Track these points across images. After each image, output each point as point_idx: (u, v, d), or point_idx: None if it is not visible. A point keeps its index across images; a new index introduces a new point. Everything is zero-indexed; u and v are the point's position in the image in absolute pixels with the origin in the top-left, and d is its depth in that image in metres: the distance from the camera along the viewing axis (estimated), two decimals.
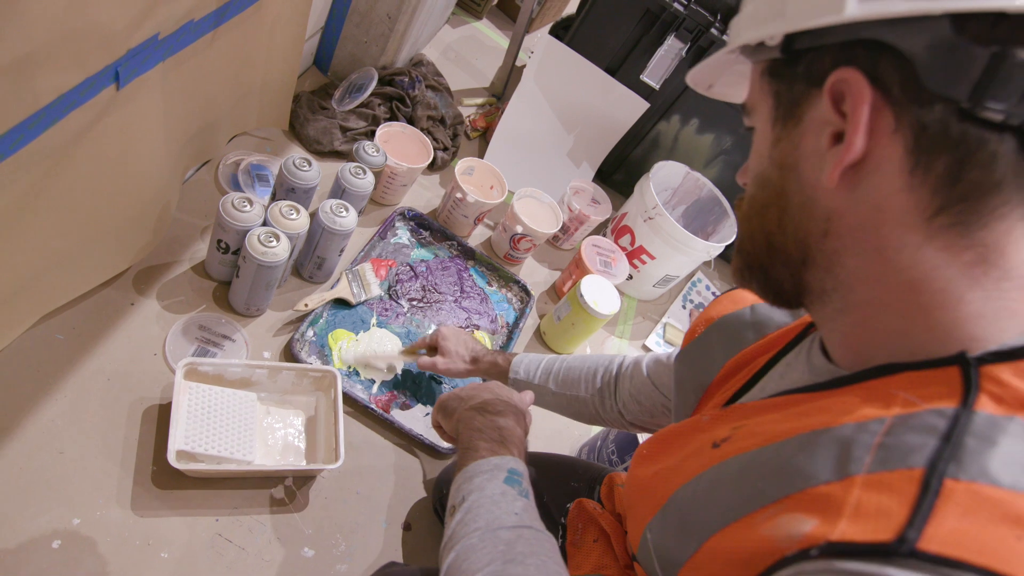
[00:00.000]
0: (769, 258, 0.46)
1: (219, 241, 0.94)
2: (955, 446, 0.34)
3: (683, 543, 0.45)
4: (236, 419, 0.86)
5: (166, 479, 0.82)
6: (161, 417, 0.86)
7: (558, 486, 0.85)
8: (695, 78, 0.54)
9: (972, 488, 0.33)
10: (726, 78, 0.53)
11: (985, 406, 0.35)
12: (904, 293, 0.39)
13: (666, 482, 0.50)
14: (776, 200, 0.44)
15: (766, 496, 0.39)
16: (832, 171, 0.39)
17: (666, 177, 1.50)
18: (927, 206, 0.37)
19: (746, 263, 0.48)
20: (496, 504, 0.57)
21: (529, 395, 0.78)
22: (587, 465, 0.90)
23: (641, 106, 1.47)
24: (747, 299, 0.64)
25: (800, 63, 0.40)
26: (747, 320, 0.62)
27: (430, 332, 1.05)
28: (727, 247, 1.41)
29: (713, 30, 1.34)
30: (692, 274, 1.66)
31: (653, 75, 1.41)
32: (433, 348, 1.02)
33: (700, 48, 1.38)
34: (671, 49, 1.37)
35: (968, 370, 0.37)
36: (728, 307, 0.65)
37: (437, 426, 0.78)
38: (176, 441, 0.80)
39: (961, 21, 0.34)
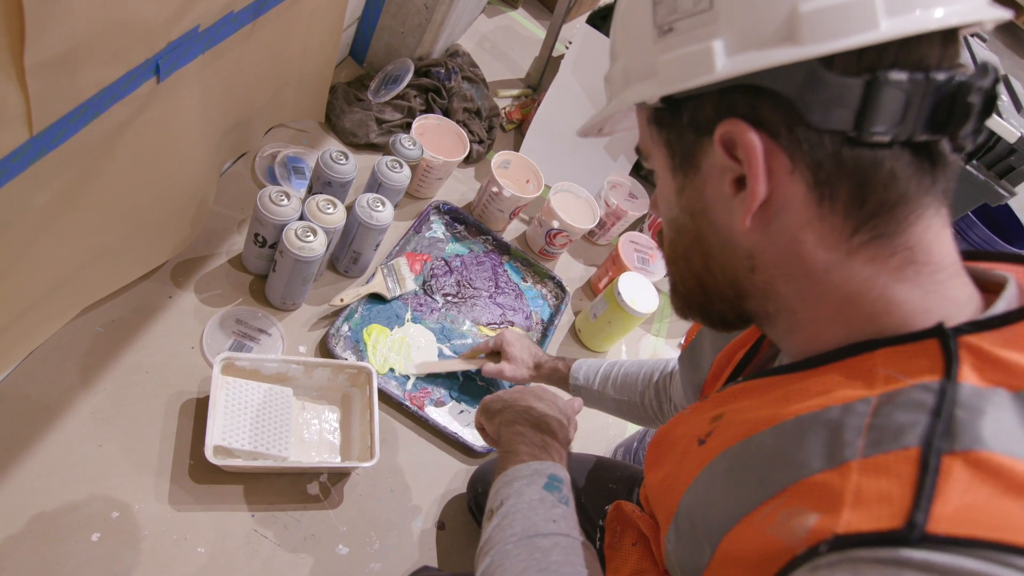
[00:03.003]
0: (705, 297, 0.46)
1: (256, 235, 0.94)
2: (946, 421, 0.33)
3: (697, 552, 0.43)
4: (272, 415, 0.86)
5: (203, 473, 0.82)
6: (198, 411, 0.86)
7: (596, 488, 0.84)
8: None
9: (970, 461, 0.32)
10: (614, 119, 0.52)
11: (968, 377, 0.35)
12: (846, 306, 0.40)
13: (671, 489, 0.49)
14: (696, 244, 0.44)
15: (761, 492, 0.38)
16: (743, 217, 0.39)
17: None
18: (842, 229, 0.38)
19: (685, 303, 0.49)
20: (534, 510, 0.56)
21: (578, 401, 0.76)
22: (625, 466, 0.88)
23: None
24: None
25: (683, 113, 0.41)
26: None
27: (492, 338, 1.03)
28: None
29: None
30: None
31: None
32: (496, 353, 1.01)
33: None
34: None
35: (947, 341, 0.36)
36: None
37: (480, 428, 0.77)
38: (213, 436, 0.80)
39: (828, 58, 0.35)
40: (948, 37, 0.36)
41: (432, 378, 1.05)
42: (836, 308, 0.40)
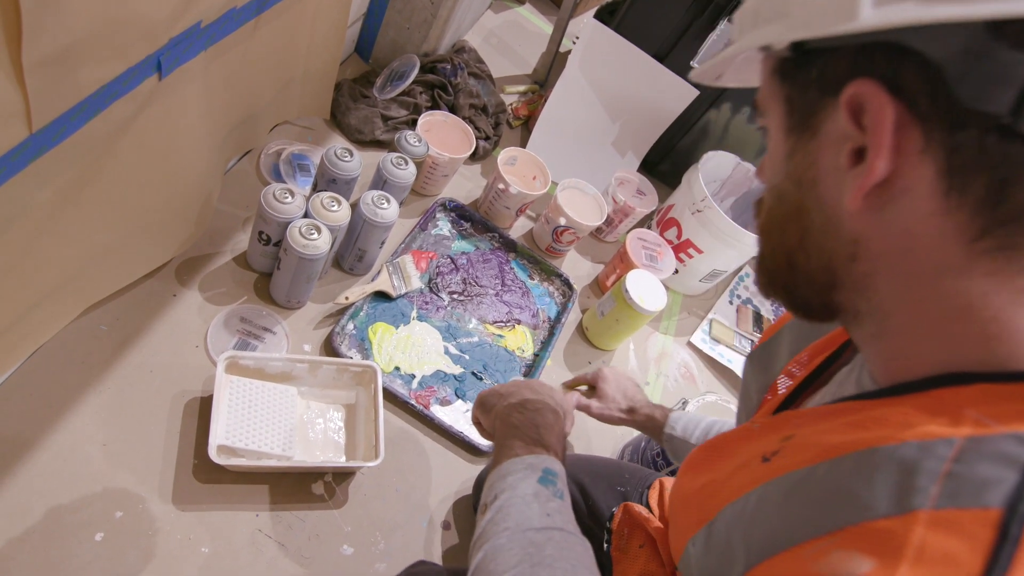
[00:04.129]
0: (792, 278, 0.42)
1: (260, 233, 0.93)
2: None
3: (727, 565, 0.41)
4: (276, 414, 0.86)
5: (207, 473, 0.82)
6: (202, 410, 0.86)
7: (605, 490, 0.83)
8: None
9: None
10: (736, 65, 0.47)
11: None
12: (949, 322, 0.34)
13: (713, 496, 0.46)
14: (795, 218, 0.40)
15: (818, 526, 0.35)
16: (855, 195, 0.34)
17: (715, 168, 1.44)
18: (966, 229, 0.32)
19: (769, 280, 0.44)
20: (528, 504, 0.55)
21: (573, 396, 0.75)
22: (635, 469, 0.87)
23: (690, 93, 1.41)
24: None
25: (812, 66, 0.36)
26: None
27: (592, 371, 1.00)
28: None
29: None
30: (739, 269, 1.61)
31: (704, 61, 1.35)
32: (593, 387, 0.98)
33: None
34: (724, 34, 1.32)
35: None
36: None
37: (476, 422, 0.76)
38: (217, 436, 0.79)
39: (998, 24, 0.29)
40: None
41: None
42: (937, 321, 0.35)
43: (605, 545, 0.77)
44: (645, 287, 1.17)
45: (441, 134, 1.26)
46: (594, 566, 0.52)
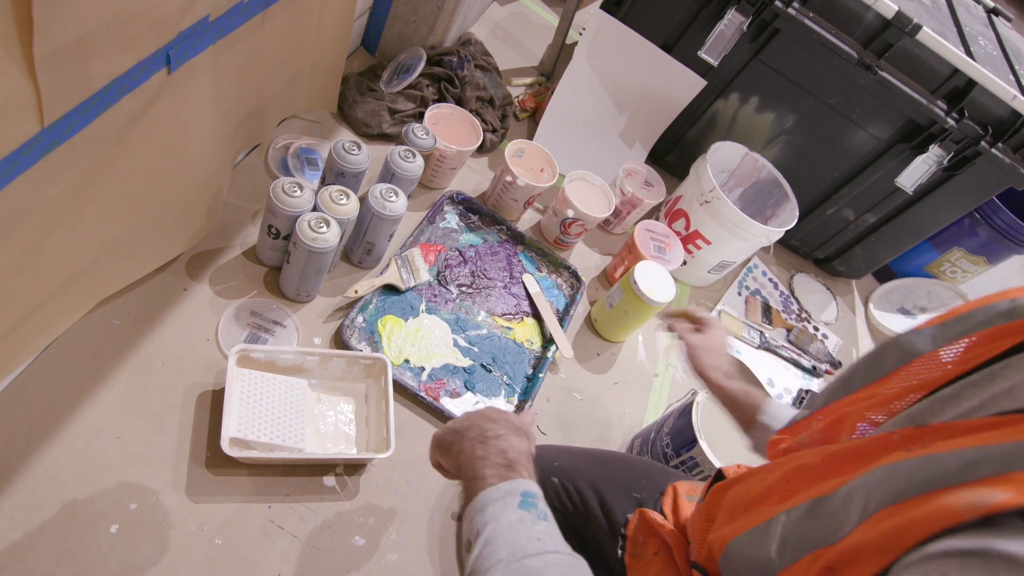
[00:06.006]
0: None
1: (270, 226, 0.93)
2: None
3: (834, 526, 0.40)
4: (288, 406, 0.86)
5: (220, 465, 0.82)
6: (215, 403, 0.87)
7: (621, 494, 0.82)
8: None
9: None
10: None
11: None
12: None
13: (832, 476, 0.45)
14: None
15: (956, 478, 0.34)
16: None
17: (723, 158, 1.44)
18: None
19: None
20: (515, 532, 0.53)
21: (531, 414, 0.73)
22: (651, 473, 0.85)
23: (698, 84, 1.41)
24: (1014, 293, 0.52)
25: None
26: (997, 311, 0.51)
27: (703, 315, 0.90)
28: (787, 232, 1.35)
29: (778, 2, 1.27)
30: (748, 260, 1.60)
31: (712, 51, 1.34)
32: (699, 328, 0.89)
33: (763, 22, 1.31)
34: (731, 23, 1.31)
35: None
36: (990, 299, 0.53)
37: (437, 465, 0.72)
38: (229, 429, 0.80)
39: None
40: None
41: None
42: None
43: (619, 551, 0.77)
44: (653, 278, 1.17)
45: (448, 127, 1.26)
46: None
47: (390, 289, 1.08)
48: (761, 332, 1.46)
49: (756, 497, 0.56)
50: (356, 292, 1.02)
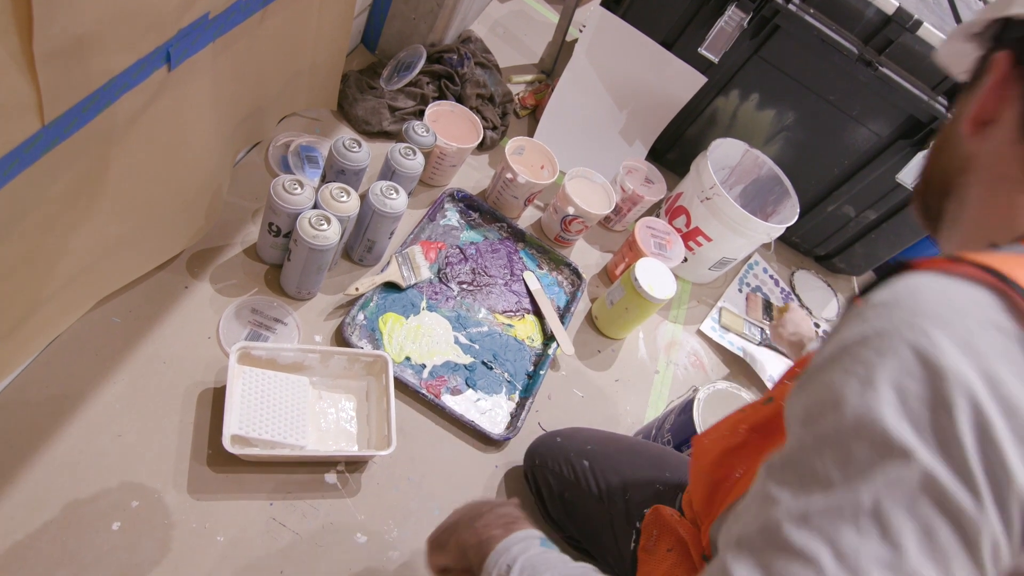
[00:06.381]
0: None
1: (270, 224, 0.93)
2: None
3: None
4: (289, 404, 0.86)
5: (221, 462, 0.83)
6: (216, 401, 0.87)
7: (643, 487, 0.82)
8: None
9: None
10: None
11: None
12: (1007, 218, 0.45)
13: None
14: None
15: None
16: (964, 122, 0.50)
17: (724, 155, 1.44)
18: None
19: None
20: (547, 558, 0.53)
21: (514, 501, 0.72)
22: (676, 465, 0.85)
23: (698, 81, 1.41)
24: None
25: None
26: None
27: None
28: (787, 228, 1.35)
29: None
30: (749, 257, 1.60)
31: (712, 48, 1.34)
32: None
33: (764, 18, 1.30)
34: (732, 20, 1.31)
35: None
36: None
37: (440, 570, 0.66)
38: (230, 426, 0.80)
39: None
40: None
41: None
42: (1000, 218, 0.46)
43: (632, 544, 0.77)
44: (654, 275, 1.17)
45: (448, 124, 1.26)
46: None
47: (391, 287, 1.08)
48: (762, 329, 1.46)
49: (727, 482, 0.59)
50: (357, 290, 1.02)
